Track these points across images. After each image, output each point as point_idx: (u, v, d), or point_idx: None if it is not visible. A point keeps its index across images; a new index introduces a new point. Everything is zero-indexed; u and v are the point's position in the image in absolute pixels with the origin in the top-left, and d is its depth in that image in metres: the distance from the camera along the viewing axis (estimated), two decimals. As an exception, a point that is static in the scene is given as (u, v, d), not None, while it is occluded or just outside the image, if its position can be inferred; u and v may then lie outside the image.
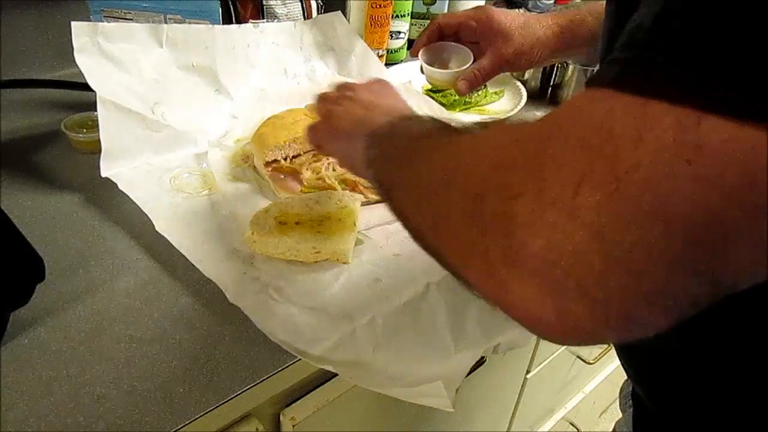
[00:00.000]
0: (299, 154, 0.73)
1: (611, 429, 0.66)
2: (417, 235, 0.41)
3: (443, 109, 0.92)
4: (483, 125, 0.40)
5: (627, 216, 0.25)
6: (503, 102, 1.00)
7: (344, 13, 0.96)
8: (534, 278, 0.27)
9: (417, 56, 0.77)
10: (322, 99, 0.57)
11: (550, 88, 1.04)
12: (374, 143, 0.46)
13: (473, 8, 0.76)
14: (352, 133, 0.49)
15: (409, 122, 0.47)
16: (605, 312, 0.26)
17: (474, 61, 0.74)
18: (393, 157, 0.44)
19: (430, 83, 0.81)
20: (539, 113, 1.00)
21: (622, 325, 0.26)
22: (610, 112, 0.26)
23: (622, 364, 0.52)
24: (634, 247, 0.25)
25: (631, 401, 0.58)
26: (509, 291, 0.28)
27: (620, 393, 0.66)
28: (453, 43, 0.76)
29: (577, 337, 0.28)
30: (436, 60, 0.77)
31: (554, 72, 1.02)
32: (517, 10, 0.79)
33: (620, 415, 0.65)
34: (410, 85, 0.96)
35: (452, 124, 0.42)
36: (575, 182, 0.26)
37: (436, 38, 0.77)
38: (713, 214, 0.23)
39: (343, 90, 0.57)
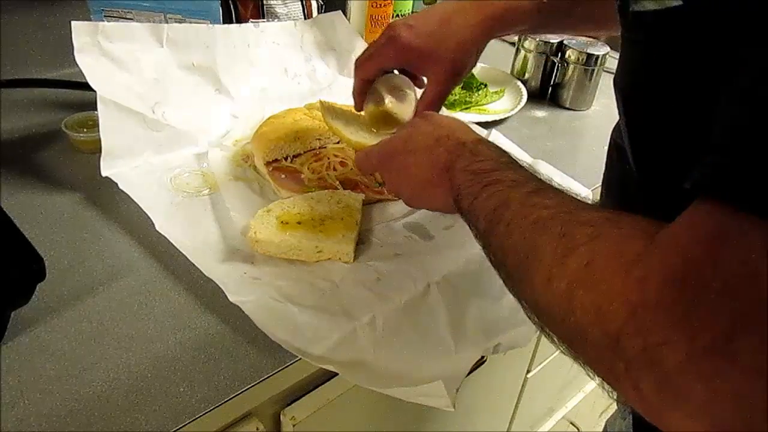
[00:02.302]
0: (300, 154, 0.73)
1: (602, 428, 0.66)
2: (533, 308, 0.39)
3: (443, 108, 0.91)
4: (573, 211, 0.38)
5: None
6: (503, 101, 1.00)
7: (345, 13, 0.96)
8: (695, 416, 0.27)
9: (366, 116, 0.70)
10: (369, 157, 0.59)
11: (550, 88, 1.04)
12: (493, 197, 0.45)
13: (382, 43, 0.64)
14: (442, 166, 0.51)
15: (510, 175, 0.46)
16: None
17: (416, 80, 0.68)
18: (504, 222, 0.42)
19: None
20: (539, 113, 1.00)
21: None
22: (749, 250, 0.26)
23: None
24: None
25: (630, 408, 0.57)
26: (667, 419, 0.28)
27: (618, 399, 0.66)
28: (387, 78, 0.67)
29: None
30: (382, 101, 0.69)
31: (554, 71, 1.02)
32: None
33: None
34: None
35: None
36: (728, 327, 0.26)
37: (367, 87, 0.68)
38: None
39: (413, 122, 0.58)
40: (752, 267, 0.26)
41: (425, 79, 0.67)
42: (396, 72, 0.68)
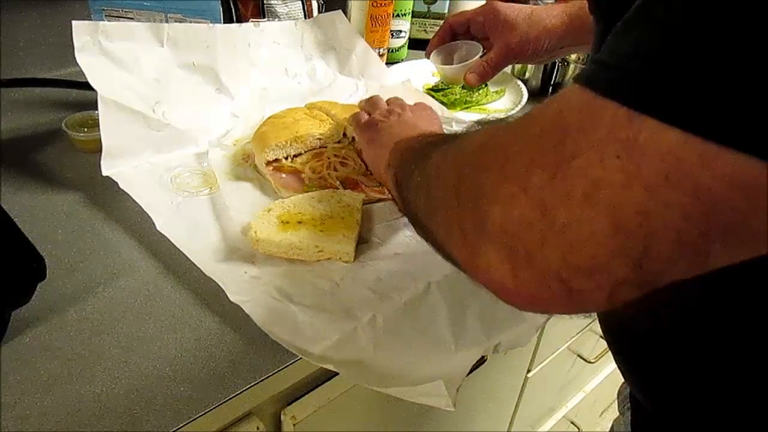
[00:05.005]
0: (300, 153, 0.73)
1: (609, 428, 0.66)
2: (417, 223, 0.45)
3: (444, 108, 0.91)
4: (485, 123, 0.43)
5: (564, 196, 0.28)
6: (504, 101, 1.00)
7: (345, 12, 0.96)
8: (495, 245, 0.30)
9: (429, 58, 0.82)
10: (374, 105, 0.68)
11: (551, 87, 1.04)
12: (397, 150, 0.54)
13: (482, 5, 0.79)
14: (386, 145, 0.58)
15: (428, 136, 0.54)
16: (547, 280, 0.29)
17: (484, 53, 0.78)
18: (406, 160, 0.50)
19: (443, 81, 0.85)
20: (540, 112, 1.00)
21: (565, 295, 0.29)
22: (568, 104, 0.29)
23: (620, 368, 0.52)
24: (569, 224, 0.28)
25: (629, 403, 0.58)
26: (477, 257, 0.32)
27: (618, 395, 0.66)
28: (464, 41, 0.80)
29: (531, 303, 0.31)
30: (450, 58, 0.81)
31: (555, 71, 1.02)
32: (525, 4, 0.84)
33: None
34: (410, 83, 0.96)
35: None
36: (530, 161, 0.29)
37: (449, 38, 0.80)
38: (637, 207, 0.26)
39: (395, 106, 0.67)
40: (564, 116, 0.29)
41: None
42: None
